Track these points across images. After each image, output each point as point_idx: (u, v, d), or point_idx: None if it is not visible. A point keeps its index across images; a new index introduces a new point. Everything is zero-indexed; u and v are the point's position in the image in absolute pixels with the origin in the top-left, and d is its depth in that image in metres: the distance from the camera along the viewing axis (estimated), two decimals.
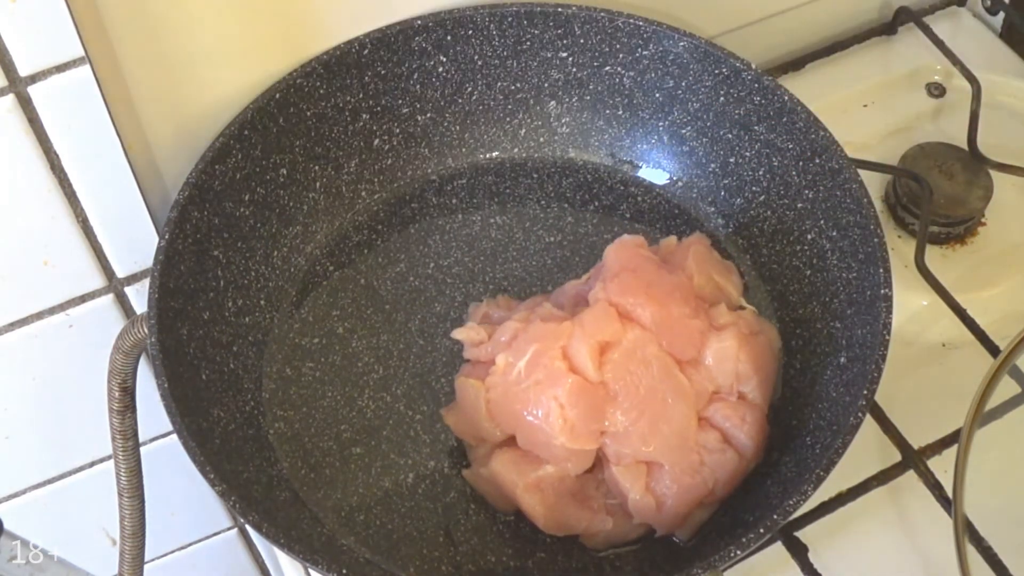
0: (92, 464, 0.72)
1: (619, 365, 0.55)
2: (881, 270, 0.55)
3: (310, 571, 0.60)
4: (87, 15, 0.53)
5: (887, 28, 0.81)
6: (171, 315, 0.56)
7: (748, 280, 0.64)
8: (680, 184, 0.68)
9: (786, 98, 0.62)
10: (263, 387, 0.61)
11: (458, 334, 0.60)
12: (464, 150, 0.69)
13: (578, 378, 0.54)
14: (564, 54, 0.66)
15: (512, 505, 0.56)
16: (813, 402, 0.57)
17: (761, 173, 0.64)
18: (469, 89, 0.67)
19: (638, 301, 0.57)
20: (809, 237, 0.62)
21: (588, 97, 0.68)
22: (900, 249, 0.70)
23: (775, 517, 0.49)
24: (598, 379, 0.55)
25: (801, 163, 0.62)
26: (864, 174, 0.60)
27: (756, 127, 0.64)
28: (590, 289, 0.59)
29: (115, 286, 0.63)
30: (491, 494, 0.57)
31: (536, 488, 0.55)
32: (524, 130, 0.69)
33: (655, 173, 0.68)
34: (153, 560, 0.82)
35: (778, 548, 0.57)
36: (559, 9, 0.65)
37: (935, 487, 0.58)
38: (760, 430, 0.56)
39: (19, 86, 0.52)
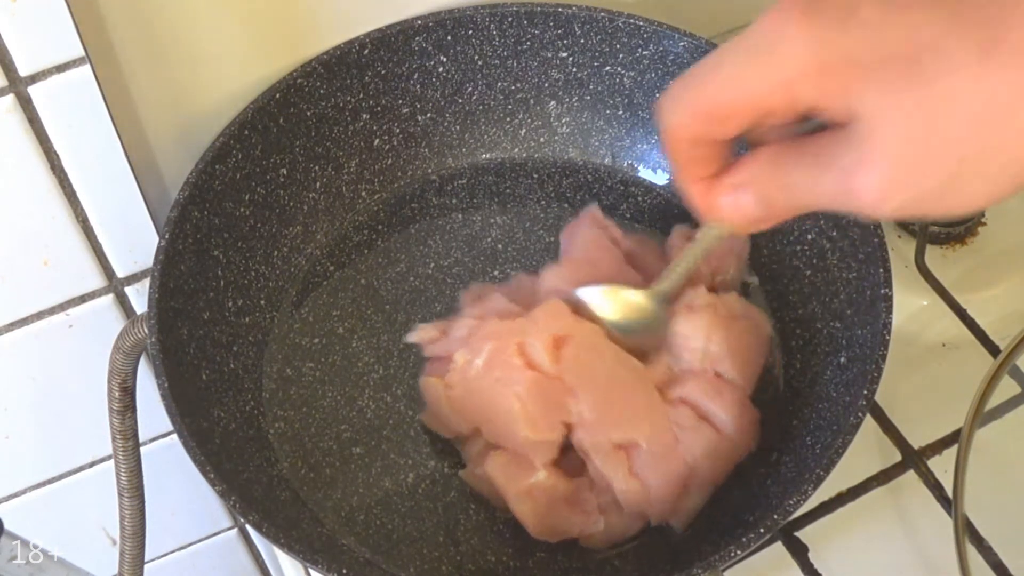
0: (92, 464, 0.72)
1: (574, 358, 0.56)
2: (881, 270, 0.55)
3: (310, 571, 0.60)
4: (87, 15, 0.53)
5: None
6: (171, 315, 0.56)
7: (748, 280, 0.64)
8: None
9: None
10: (263, 387, 0.61)
11: (412, 338, 0.61)
12: (464, 150, 0.69)
13: (535, 373, 0.55)
14: (564, 54, 0.66)
15: None
16: (813, 402, 0.57)
17: None
18: (469, 89, 0.67)
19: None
20: (809, 237, 0.62)
21: (588, 97, 0.68)
22: (900, 249, 0.70)
23: (775, 517, 0.49)
24: (555, 373, 0.55)
25: None
26: None
27: None
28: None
29: (115, 286, 0.63)
30: (489, 493, 0.57)
31: (528, 496, 0.55)
32: (524, 130, 0.69)
33: (655, 173, 0.68)
34: (153, 560, 0.82)
35: (778, 548, 0.57)
36: (559, 9, 0.65)
37: (935, 487, 0.58)
38: (740, 407, 0.56)
39: (19, 86, 0.52)
